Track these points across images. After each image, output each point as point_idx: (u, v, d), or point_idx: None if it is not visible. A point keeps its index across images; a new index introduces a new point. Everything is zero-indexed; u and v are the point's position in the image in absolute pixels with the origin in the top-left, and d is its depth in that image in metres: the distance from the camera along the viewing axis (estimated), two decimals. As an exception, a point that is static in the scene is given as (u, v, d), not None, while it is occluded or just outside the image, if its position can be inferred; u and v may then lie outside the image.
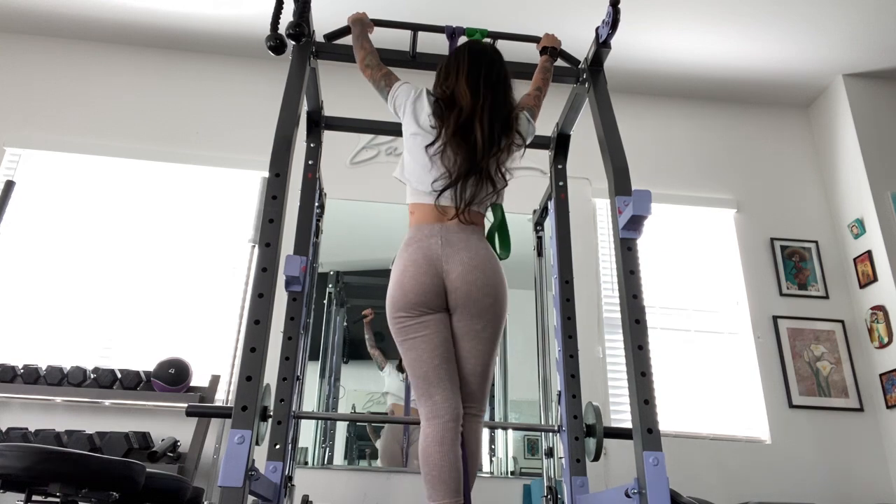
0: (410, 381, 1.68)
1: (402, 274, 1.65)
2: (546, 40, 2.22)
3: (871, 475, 3.26)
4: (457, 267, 1.64)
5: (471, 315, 1.66)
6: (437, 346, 1.65)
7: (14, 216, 3.32)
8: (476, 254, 1.67)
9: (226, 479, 1.36)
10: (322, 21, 2.26)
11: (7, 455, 1.84)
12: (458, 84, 1.74)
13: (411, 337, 1.65)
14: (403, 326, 1.66)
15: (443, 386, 1.63)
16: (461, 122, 1.69)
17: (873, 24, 3.51)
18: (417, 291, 1.63)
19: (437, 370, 1.64)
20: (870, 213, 3.59)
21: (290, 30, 1.86)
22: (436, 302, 1.65)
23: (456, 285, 1.64)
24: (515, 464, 3.26)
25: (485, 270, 1.66)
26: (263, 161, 2.21)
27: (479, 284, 1.65)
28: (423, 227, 1.71)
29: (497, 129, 1.72)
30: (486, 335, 1.69)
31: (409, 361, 1.67)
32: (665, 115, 4.14)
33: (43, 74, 3.79)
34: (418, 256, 1.66)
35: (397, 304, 1.66)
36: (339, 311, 3.52)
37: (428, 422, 1.61)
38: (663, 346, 3.48)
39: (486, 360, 1.71)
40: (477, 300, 1.65)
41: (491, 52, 1.84)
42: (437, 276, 1.64)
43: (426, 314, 1.65)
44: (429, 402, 1.63)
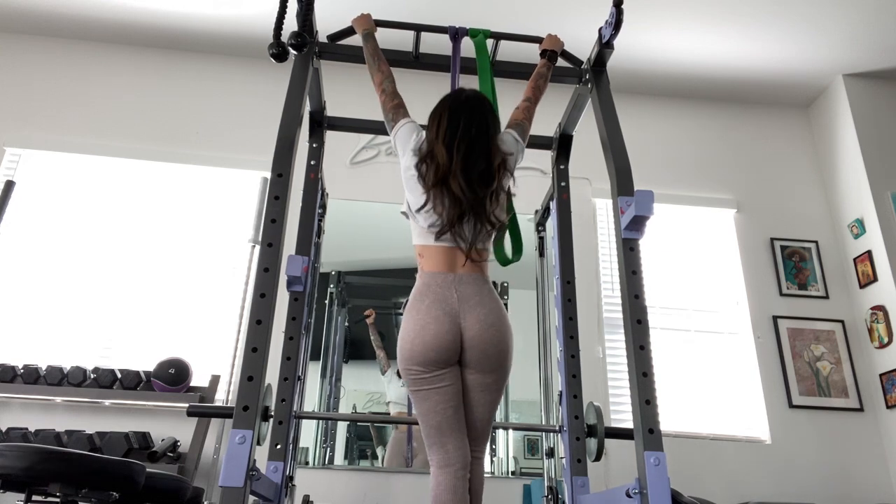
0: (423, 430, 1.73)
1: (424, 329, 1.67)
2: (548, 42, 2.21)
3: (871, 475, 3.27)
4: (474, 325, 1.69)
5: (483, 370, 1.72)
6: (450, 399, 1.70)
7: (14, 216, 3.32)
8: (490, 310, 1.72)
9: (227, 479, 1.36)
10: (325, 21, 2.26)
11: (7, 455, 1.84)
12: (436, 141, 1.76)
13: (426, 388, 1.69)
14: (420, 379, 1.69)
15: (455, 436, 1.69)
16: (439, 177, 1.73)
17: (873, 24, 3.51)
18: (439, 349, 1.66)
19: (450, 421, 1.69)
20: (870, 213, 3.60)
21: (293, 39, 1.85)
22: (453, 358, 1.70)
23: (473, 343, 1.69)
24: (516, 464, 3.25)
25: (499, 328, 1.71)
26: (263, 161, 2.22)
27: (493, 342, 1.70)
28: (437, 276, 1.74)
29: (476, 181, 1.73)
30: (496, 387, 1.76)
31: (422, 411, 1.71)
32: (665, 115, 4.14)
33: (43, 74, 3.79)
34: (440, 313, 1.68)
35: (416, 359, 1.68)
36: (341, 311, 3.52)
37: (440, 469, 1.67)
38: (663, 346, 3.49)
39: (492, 408, 1.79)
40: (491, 357, 1.70)
41: (473, 103, 1.81)
42: (456, 335, 1.68)
43: (442, 368, 1.69)
44: (441, 451, 1.68)
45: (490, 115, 1.82)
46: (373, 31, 2.15)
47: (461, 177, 1.71)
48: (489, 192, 1.75)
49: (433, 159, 1.75)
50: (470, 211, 1.72)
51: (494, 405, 1.79)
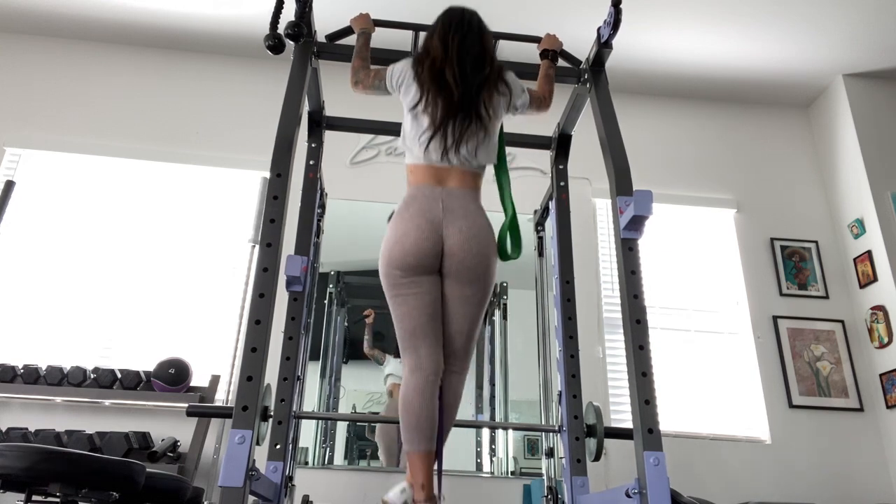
0: (398, 335, 1.77)
1: (405, 236, 1.72)
2: (546, 42, 2.23)
3: (871, 475, 3.27)
4: (455, 234, 1.73)
5: (462, 281, 1.76)
6: (427, 305, 1.74)
7: (14, 216, 3.32)
8: (473, 223, 1.76)
9: (226, 479, 1.36)
10: (324, 21, 2.26)
11: (7, 455, 1.84)
12: (431, 39, 1.89)
13: (403, 293, 1.74)
14: (398, 283, 1.74)
15: (428, 342, 1.74)
16: (434, 71, 1.82)
17: (873, 24, 3.51)
18: (418, 255, 1.71)
19: (425, 327, 1.74)
20: (870, 213, 3.59)
21: (289, 30, 1.86)
22: (432, 265, 1.74)
23: (453, 251, 1.73)
24: (515, 464, 3.25)
25: (480, 240, 1.75)
26: (263, 161, 2.22)
27: (474, 253, 1.74)
28: (424, 188, 1.79)
29: (469, 65, 1.83)
30: (475, 300, 1.79)
31: (398, 315, 1.76)
32: (665, 115, 4.14)
33: (43, 74, 3.79)
34: (422, 221, 1.73)
35: (394, 262, 1.73)
36: (340, 311, 3.52)
37: (412, 373, 1.73)
38: (663, 346, 3.49)
39: (472, 322, 1.81)
40: (470, 268, 1.74)
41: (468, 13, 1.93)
42: (437, 243, 1.72)
43: (421, 275, 1.74)
44: (414, 356, 1.74)
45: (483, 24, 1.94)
46: (370, 30, 2.16)
47: (456, 64, 1.80)
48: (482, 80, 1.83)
49: (428, 55, 1.85)
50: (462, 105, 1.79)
51: (475, 321, 1.82)
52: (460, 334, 1.80)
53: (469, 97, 1.81)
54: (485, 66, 1.85)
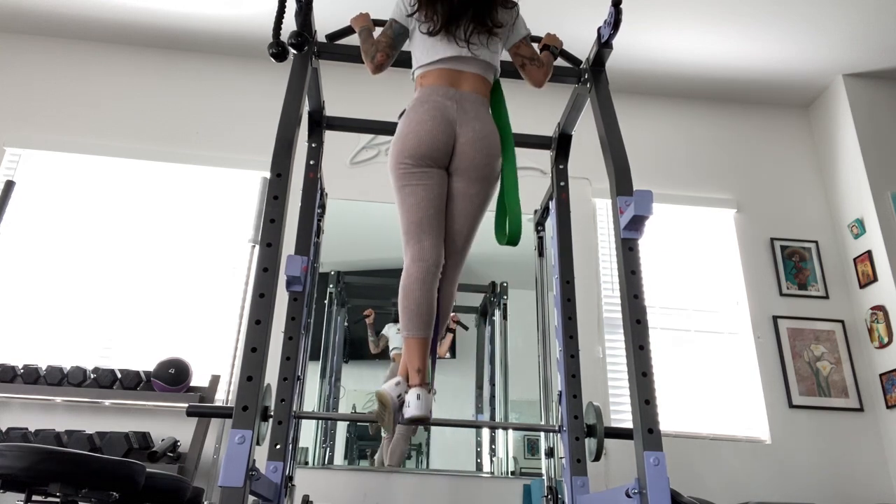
0: (402, 225, 1.81)
1: (420, 125, 1.77)
2: (547, 39, 2.23)
3: (871, 475, 3.27)
4: (469, 133, 1.79)
5: (469, 179, 1.82)
6: (434, 198, 1.80)
7: (14, 216, 3.32)
8: (485, 125, 1.83)
9: (226, 479, 1.36)
10: (323, 21, 2.26)
11: (7, 455, 1.84)
12: None
13: (413, 183, 1.78)
14: (409, 172, 1.78)
15: (432, 234, 1.80)
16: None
17: (873, 24, 3.51)
18: (431, 145, 1.76)
19: (431, 219, 1.79)
20: (870, 213, 3.59)
21: (293, 39, 1.85)
22: (443, 159, 1.79)
23: (464, 149, 1.79)
24: (515, 464, 3.25)
25: (490, 142, 1.82)
26: (263, 161, 2.22)
27: (483, 153, 1.80)
28: (438, 89, 1.84)
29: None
30: (479, 200, 1.85)
31: (406, 206, 1.80)
32: (665, 115, 4.14)
33: (43, 74, 3.79)
34: (437, 114, 1.78)
35: (408, 152, 1.77)
36: (340, 311, 3.52)
37: (414, 262, 1.78)
38: (663, 346, 3.49)
39: (472, 221, 1.88)
40: (478, 167, 1.81)
41: None
42: (450, 137, 1.78)
43: (431, 167, 1.78)
44: (417, 246, 1.79)
45: None
46: (370, 28, 2.16)
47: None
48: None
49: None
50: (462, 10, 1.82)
51: (474, 221, 1.88)
52: (460, 234, 1.86)
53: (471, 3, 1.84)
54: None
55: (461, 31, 1.84)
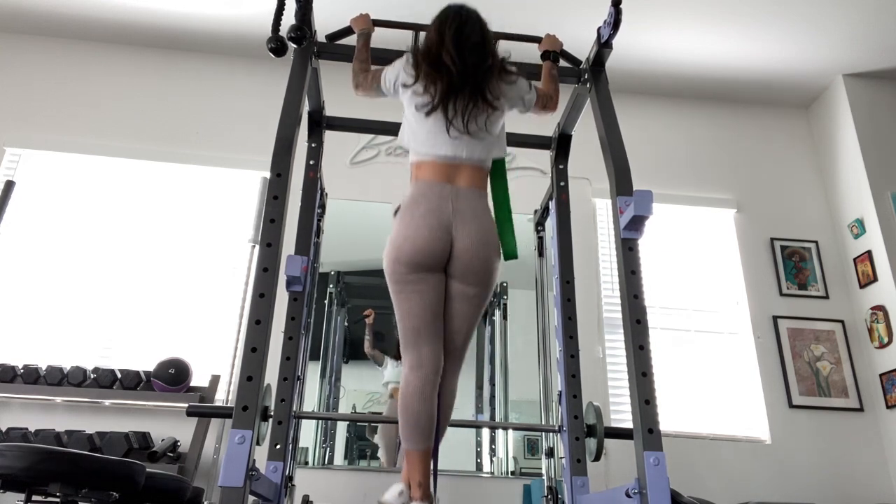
0: (400, 332, 1.77)
1: (416, 231, 1.72)
2: (547, 43, 2.22)
3: (871, 475, 3.27)
4: (465, 238, 1.73)
5: (468, 283, 1.77)
6: (431, 303, 1.75)
7: (14, 216, 3.32)
8: (482, 226, 1.77)
9: (226, 479, 1.36)
10: (324, 21, 2.26)
11: (7, 455, 1.84)
12: (427, 32, 1.88)
13: (409, 290, 1.74)
14: (404, 279, 1.74)
15: (430, 340, 1.75)
16: (430, 58, 1.81)
17: (873, 24, 3.51)
18: (427, 253, 1.71)
19: (429, 325, 1.75)
20: (870, 213, 3.59)
21: (292, 33, 1.86)
22: (440, 264, 1.75)
23: (461, 255, 1.74)
24: (515, 464, 3.25)
25: (488, 245, 1.77)
26: (263, 161, 2.22)
27: (481, 258, 1.75)
28: (434, 186, 1.78)
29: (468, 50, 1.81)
30: (477, 301, 1.81)
31: (402, 312, 1.77)
32: (665, 115, 4.14)
33: (43, 74, 3.79)
34: (433, 221, 1.73)
35: (403, 259, 1.73)
36: (340, 311, 3.52)
37: (412, 371, 1.73)
38: (663, 346, 3.49)
39: (471, 321, 1.83)
40: (477, 272, 1.76)
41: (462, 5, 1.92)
42: (447, 243, 1.73)
43: (427, 272, 1.74)
44: (415, 353, 1.74)
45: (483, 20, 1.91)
46: (370, 30, 2.16)
47: (452, 49, 1.78)
48: (484, 66, 1.81)
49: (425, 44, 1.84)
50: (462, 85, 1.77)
51: (473, 321, 1.84)
52: (459, 333, 1.81)
53: (471, 77, 1.79)
54: (486, 55, 1.84)
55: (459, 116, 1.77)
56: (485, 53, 1.84)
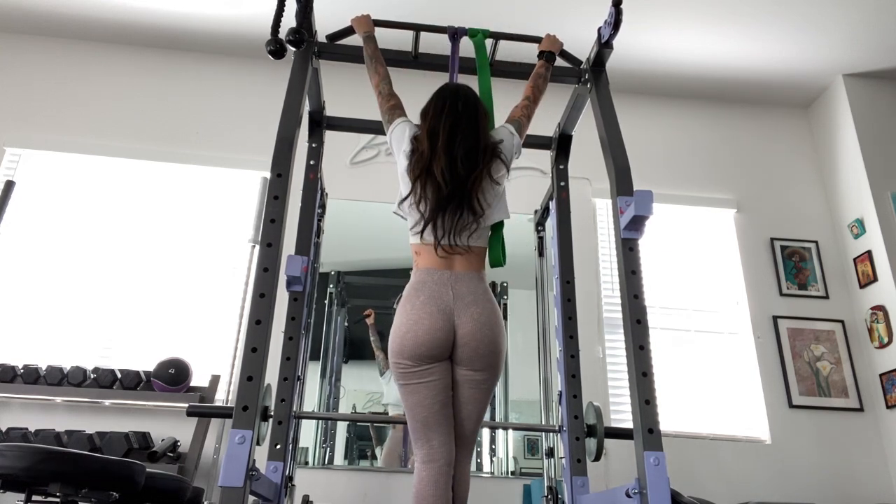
0: (409, 424, 1.73)
1: (418, 324, 1.67)
2: (546, 43, 2.20)
3: (871, 475, 3.27)
4: (468, 323, 1.69)
5: (474, 368, 1.72)
6: (438, 393, 1.70)
7: (14, 216, 3.32)
8: (484, 310, 1.72)
9: (226, 479, 1.36)
10: (324, 21, 2.26)
11: (7, 455, 1.84)
12: (422, 132, 1.80)
13: (415, 382, 1.69)
14: (409, 372, 1.69)
15: (440, 431, 1.70)
16: (423, 165, 1.75)
17: (873, 24, 3.51)
18: (431, 345, 1.67)
19: (437, 416, 1.69)
20: (870, 213, 3.59)
21: (291, 35, 1.85)
22: (444, 353, 1.70)
23: (465, 341, 1.69)
24: (515, 464, 3.25)
25: (492, 328, 1.71)
26: (263, 161, 2.22)
27: (486, 342, 1.70)
28: (433, 273, 1.74)
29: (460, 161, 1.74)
30: (486, 386, 1.75)
31: (409, 405, 1.71)
32: (665, 115, 4.14)
33: (43, 74, 3.79)
34: (434, 309, 1.68)
35: (406, 353, 1.68)
36: (340, 311, 3.52)
37: (424, 465, 1.67)
38: (663, 346, 3.48)
39: (481, 406, 1.78)
40: (483, 356, 1.70)
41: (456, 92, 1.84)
42: (450, 332, 1.68)
43: (433, 363, 1.69)
44: (426, 446, 1.69)
45: (478, 102, 1.85)
46: (372, 32, 2.15)
47: (444, 158, 1.73)
48: (474, 176, 1.75)
49: (419, 149, 1.78)
50: (451, 198, 1.72)
51: (483, 406, 1.78)
52: (469, 420, 1.76)
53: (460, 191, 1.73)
54: (477, 162, 1.76)
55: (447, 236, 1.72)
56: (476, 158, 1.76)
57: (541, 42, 2.23)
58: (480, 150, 1.78)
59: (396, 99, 1.98)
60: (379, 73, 2.02)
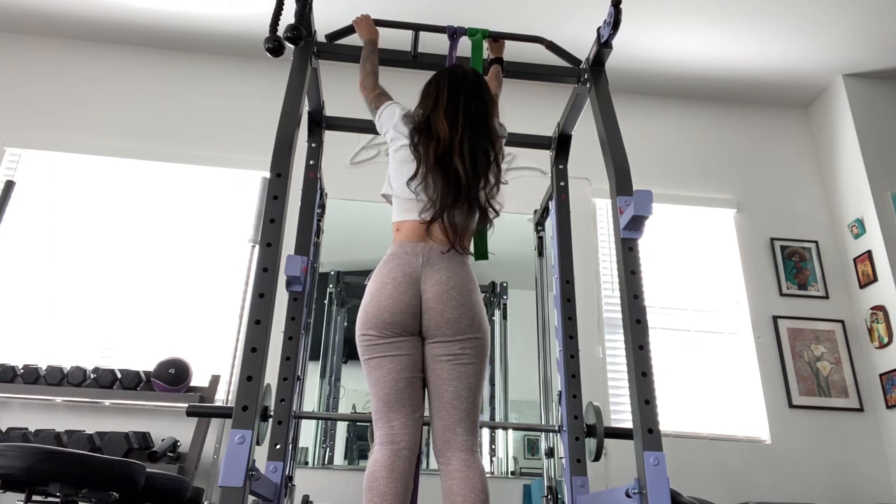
0: (372, 403, 1.58)
1: (380, 290, 1.58)
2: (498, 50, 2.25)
3: (871, 475, 3.27)
4: (433, 287, 1.56)
5: (447, 337, 1.56)
6: (403, 369, 1.56)
7: (14, 216, 3.32)
8: (454, 274, 1.59)
9: (226, 479, 1.36)
10: (324, 21, 2.25)
11: (7, 455, 1.84)
12: (435, 112, 1.68)
13: (378, 356, 1.57)
14: (371, 345, 1.57)
15: (403, 412, 1.55)
16: (440, 153, 1.63)
17: (873, 24, 3.51)
18: (393, 311, 1.55)
19: (400, 394, 1.54)
20: (870, 213, 3.59)
21: (289, 32, 1.85)
22: (411, 324, 1.56)
23: (430, 305, 1.55)
24: (515, 464, 3.25)
25: (461, 290, 1.58)
26: (263, 161, 2.22)
27: (453, 304, 1.56)
28: (407, 245, 1.64)
29: (480, 160, 1.67)
30: (467, 358, 1.58)
31: (371, 381, 1.58)
32: (665, 115, 4.14)
33: (43, 74, 3.79)
34: (398, 274, 1.58)
35: (369, 322, 1.57)
36: (340, 311, 3.52)
37: (381, 446, 1.53)
38: (663, 346, 3.48)
39: (470, 383, 1.58)
40: (451, 321, 1.56)
41: (472, 79, 1.76)
42: (415, 297, 1.56)
43: (399, 335, 1.56)
44: (385, 427, 1.54)
45: (487, 92, 1.78)
46: (375, 37, 2.14)
47: (467, 153, 1.63)
48: (489, 174, 1.69)
49: (431, 132, 1.66)
50: (465, 195, 1.63)
51: (471, 381, 1.58)
52: (458, 399, 1.56)
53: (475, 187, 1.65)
54: (491, 162, 1.70)
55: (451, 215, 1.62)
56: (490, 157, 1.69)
57: (540, 42, 2.25)
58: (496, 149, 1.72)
59: (381, 89, 1.96)
60: (365, 70, 2.02)
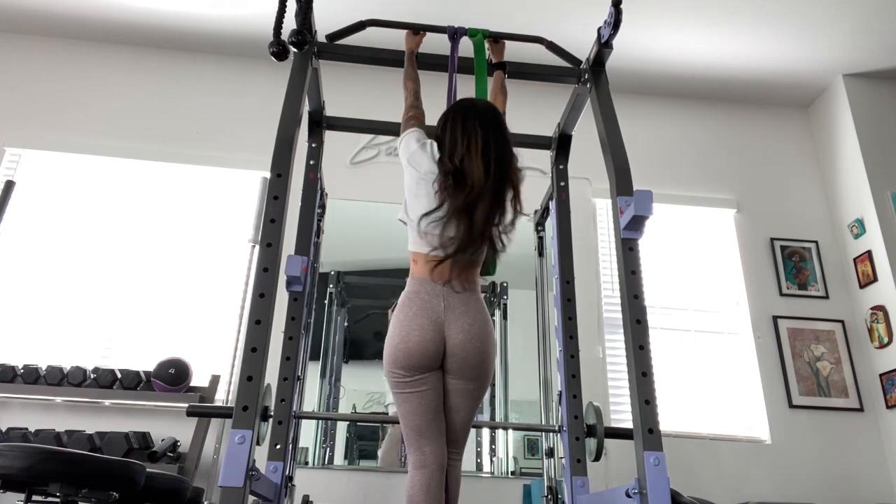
0: (403, 430, 1.79)
1: (409, 335, 1.71)
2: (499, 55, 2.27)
3: (871, 475, 3.27)
4: (458, 334, 1.72)
5: (465, 378, 1.76)
6: (430, 402, 1.75)
7: (14, 216, 3.32)
8: (475, 320, 1.75)
9: (226, 479, 1.36)
10: (324, 21, 2.25)
11: (7, 455, 1.84)
12: (469, 158, 1.71)
13: (408, 391, 1.74)
14: (402, 382, 1.74)
15: (433, 438, 1.75)
16: (469, 201, 1.68)
17: (873, 24, 3.51)
18: (421, 356, 1.71)
19: (430, 424, 1.75)
20: (870, 213, 3.59)
21: (293, 37, 1.85)
22: (435, 363, 1.74)
23: (455, 352, 1.72)
24: (515, 464, 3.25)
25: (482, 339, 1.75)
26: (263, 161, 2.22)
27: (475, 352, 1.74)
28: (426, 284, 1.76)
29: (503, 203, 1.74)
30: (476, 394, 1.81)
31: (402, 413, 1.77)
32: (665, 115, 4.14)
33: (43, 74, 3.79)
34: (424, 321, 1.71)
35: (398, 363, 1.72)
36: (340, 311, 3.52)
37: (417, 470, 1.74)
38: (663, 346, 3.48)
39: (471, 413, 1.84)
40: (473, 366, 1.75)
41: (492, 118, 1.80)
42: (440, 343, 1.72)
43: (424, 373, 1.73)
44: (418, 453, 1.75)
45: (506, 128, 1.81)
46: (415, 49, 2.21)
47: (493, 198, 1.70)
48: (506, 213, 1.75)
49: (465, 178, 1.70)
50: (480, 237, 1.70)
51: (472, 412, 1.85)
52: (461, 425, 1.82)
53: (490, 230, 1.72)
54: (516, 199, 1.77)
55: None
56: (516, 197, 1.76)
57: (540, 42, 2.25)
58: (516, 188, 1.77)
59: (413, 111, 1.97)
60: (407, 87, 2.06)
